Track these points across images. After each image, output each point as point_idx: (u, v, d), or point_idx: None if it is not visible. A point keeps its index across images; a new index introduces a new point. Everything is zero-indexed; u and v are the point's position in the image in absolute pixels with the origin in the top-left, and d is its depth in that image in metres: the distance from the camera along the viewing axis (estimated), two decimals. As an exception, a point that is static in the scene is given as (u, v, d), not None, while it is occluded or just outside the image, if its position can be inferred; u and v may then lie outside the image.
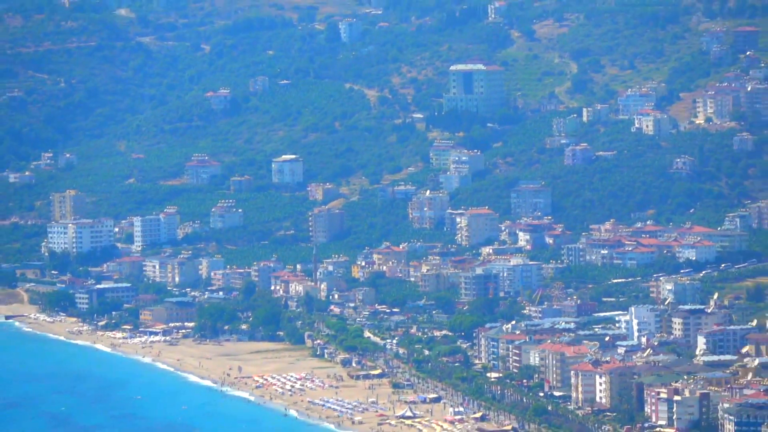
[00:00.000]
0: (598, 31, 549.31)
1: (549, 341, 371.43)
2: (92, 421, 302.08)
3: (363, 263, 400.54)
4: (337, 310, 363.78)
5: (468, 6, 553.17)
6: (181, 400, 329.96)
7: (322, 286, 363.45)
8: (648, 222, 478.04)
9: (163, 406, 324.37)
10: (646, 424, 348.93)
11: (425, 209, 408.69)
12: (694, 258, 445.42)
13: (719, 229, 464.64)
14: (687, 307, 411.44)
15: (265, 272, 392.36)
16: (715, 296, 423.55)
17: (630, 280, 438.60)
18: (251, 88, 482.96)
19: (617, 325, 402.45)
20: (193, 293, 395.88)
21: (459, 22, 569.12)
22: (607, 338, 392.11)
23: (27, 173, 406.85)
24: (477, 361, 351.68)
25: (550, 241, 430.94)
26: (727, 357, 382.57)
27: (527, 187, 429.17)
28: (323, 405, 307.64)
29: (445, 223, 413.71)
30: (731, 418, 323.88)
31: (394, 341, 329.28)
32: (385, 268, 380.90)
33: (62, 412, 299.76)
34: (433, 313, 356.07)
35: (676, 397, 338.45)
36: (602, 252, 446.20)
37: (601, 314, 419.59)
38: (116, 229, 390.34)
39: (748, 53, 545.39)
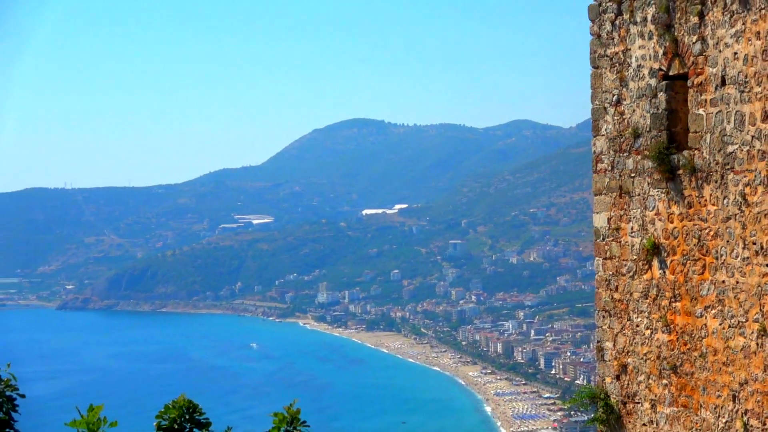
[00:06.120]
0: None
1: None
2: (343, 365, 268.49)
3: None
4: (412, 321, 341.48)
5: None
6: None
7: (401, 314, 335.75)
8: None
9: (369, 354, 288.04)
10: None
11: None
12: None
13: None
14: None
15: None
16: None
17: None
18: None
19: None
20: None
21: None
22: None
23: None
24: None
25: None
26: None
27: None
28: (407, 352, 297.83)
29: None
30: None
31: (431, 332, 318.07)
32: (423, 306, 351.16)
33: (328, 363, 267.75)
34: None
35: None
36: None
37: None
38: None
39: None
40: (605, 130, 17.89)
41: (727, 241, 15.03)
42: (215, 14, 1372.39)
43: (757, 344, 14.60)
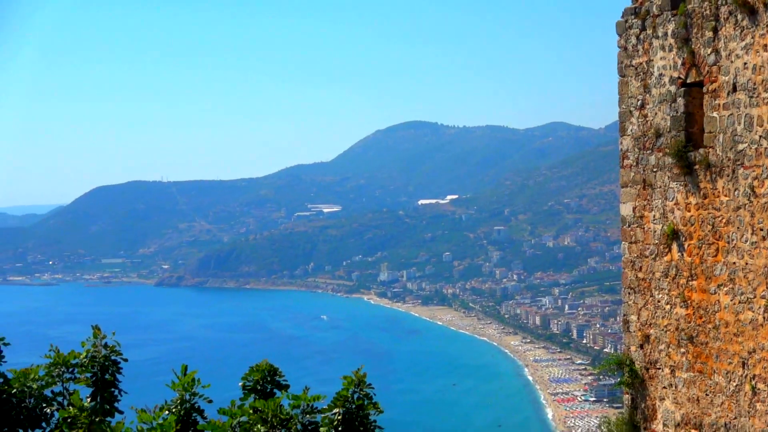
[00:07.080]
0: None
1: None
2: (398, 332, 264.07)
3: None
4: (461, 297, 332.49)
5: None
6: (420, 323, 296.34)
7: (452, 291, 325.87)
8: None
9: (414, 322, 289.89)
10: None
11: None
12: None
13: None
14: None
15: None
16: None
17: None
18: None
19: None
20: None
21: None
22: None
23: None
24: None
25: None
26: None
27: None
28: (458, 324, 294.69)
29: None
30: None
31: (478, 306, 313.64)
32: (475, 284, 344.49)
33: (389, 333, 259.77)
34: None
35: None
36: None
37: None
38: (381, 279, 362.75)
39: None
40: (631, 130, 17.93)
41: (738, 228, 15.01)
42: (292, 33, 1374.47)
43: (764, 318, 14.59)
